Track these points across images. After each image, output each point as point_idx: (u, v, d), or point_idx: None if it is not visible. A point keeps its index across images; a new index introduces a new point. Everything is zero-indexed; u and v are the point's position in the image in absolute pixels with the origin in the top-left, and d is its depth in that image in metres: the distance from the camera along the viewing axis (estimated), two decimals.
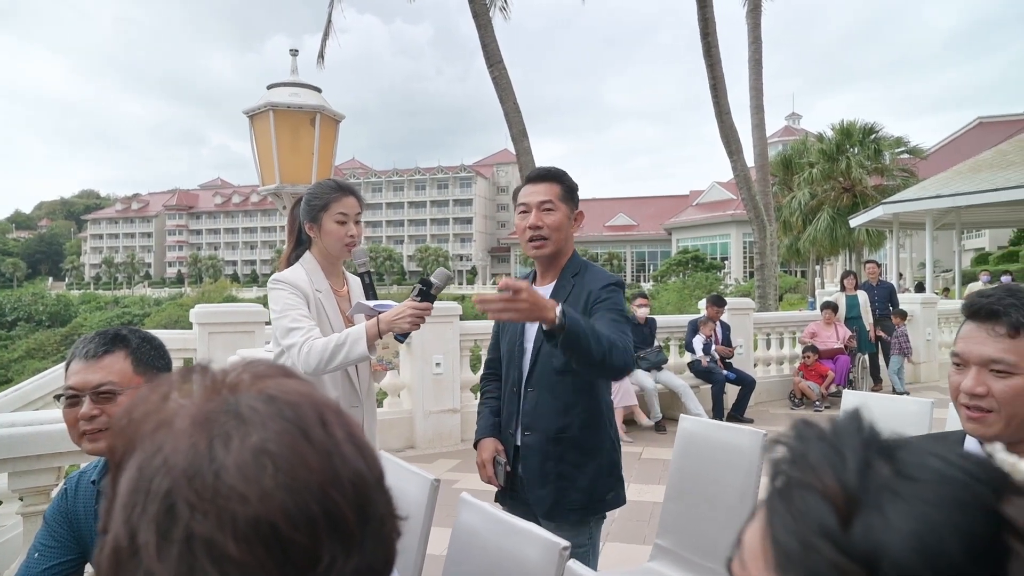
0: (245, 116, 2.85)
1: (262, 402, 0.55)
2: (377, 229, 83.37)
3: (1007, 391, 1.35)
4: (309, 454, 0.53)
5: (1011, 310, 1.39)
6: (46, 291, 68.12)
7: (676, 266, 45.43)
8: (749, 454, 2.29)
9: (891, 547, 0.39)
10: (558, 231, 2.11)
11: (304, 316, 2.20)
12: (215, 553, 0.48)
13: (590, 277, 2.12)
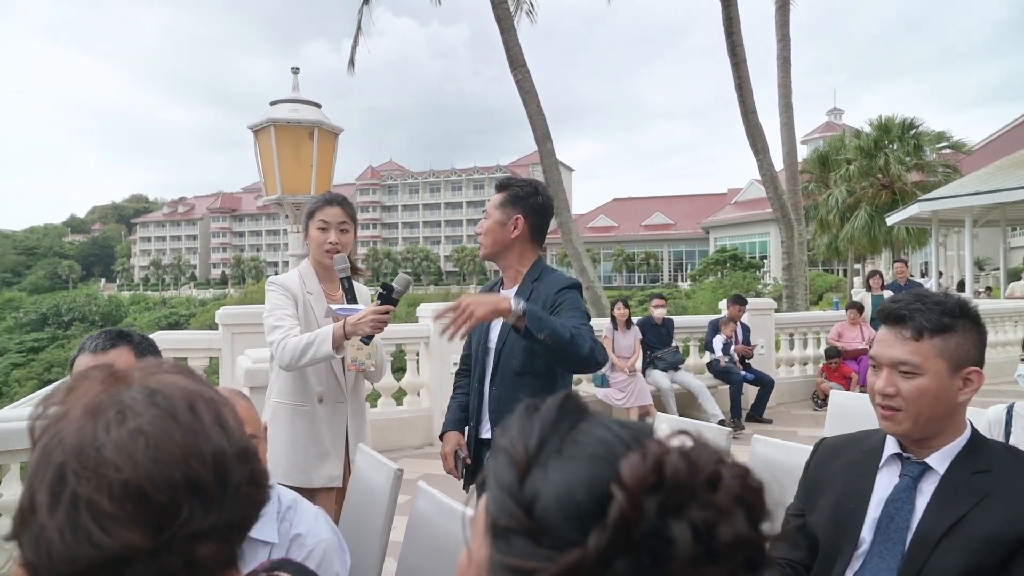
0: (250, 131, 3.05)
1: (143, 394, 0.71)
2: (414, 230, 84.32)
3: (912, 391, 1.44)
4: (176, 433, 0.69)
5: (916, 314, 1.48)
6: (99, 292, 70.75)
7: (713, 265, 44.81)
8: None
9: (543, 494, 0.52)
10: (486, 235, 2.27)
11: (288, 316, 2.41)
12: (94, 509, 0.64)
13: (548, 281, 2.24)
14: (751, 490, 0.50)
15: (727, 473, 0.49)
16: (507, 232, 2.25)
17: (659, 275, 66.36)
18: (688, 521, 0.47)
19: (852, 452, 1.68)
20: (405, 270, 77.30)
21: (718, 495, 0.48)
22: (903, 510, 1.50)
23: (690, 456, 0.50)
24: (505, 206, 2.25)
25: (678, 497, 0.48)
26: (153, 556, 0.65)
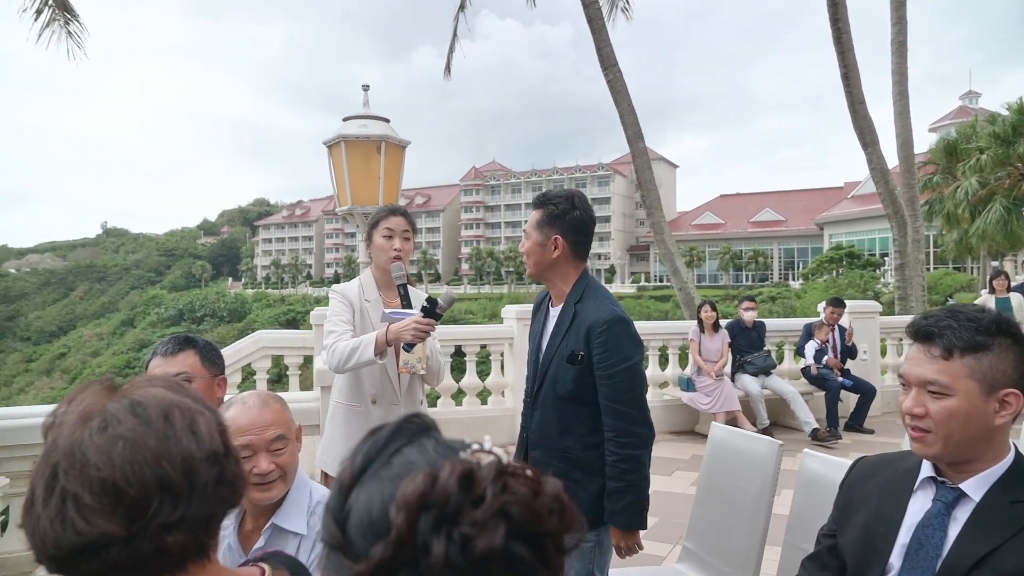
0: (324, 146, 3.27)
1: (126, 405, 0.84)
2: (517, 229, 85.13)
3: (941, 412, 1.38)
4: (149, 439, 0.81)
5: (946, 332, 1.40)
6: (227, 290, 76.40)
7: (828, 263, 42.27)
8: (765, 464, 2.33)
9: (353, 512, 0.59)
10: (529, 255, 2.24)
11: (343, 322, 2.59)
12: (78, 502, 0.77)
13: (590, 307, 2.17)
14: (519, 504, 0.54)
15: (492, 490, 0.54)
16: (548, 253, 2.21)
17: (768, 274, 63.49)
18: (447, 535, 0.52)
19: (888, 473, 1.61)
20: (507, 269, 78.22)
21: (478, 511, 0.53)
22: (934, 537, 1.42)
23: (466, 474, 0.55)
24: (543, 226, 2.21)
25: (447, 514, 0.53)
26: (126, 543, 0.77)
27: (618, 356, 2.09)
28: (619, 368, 2.09)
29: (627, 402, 2.10)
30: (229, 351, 5.44)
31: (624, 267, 74.03)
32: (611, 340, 2.10)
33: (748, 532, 2.32)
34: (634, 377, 2.12)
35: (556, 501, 0.60)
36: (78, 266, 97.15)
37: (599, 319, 2.11)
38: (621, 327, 2.12)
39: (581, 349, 2.14)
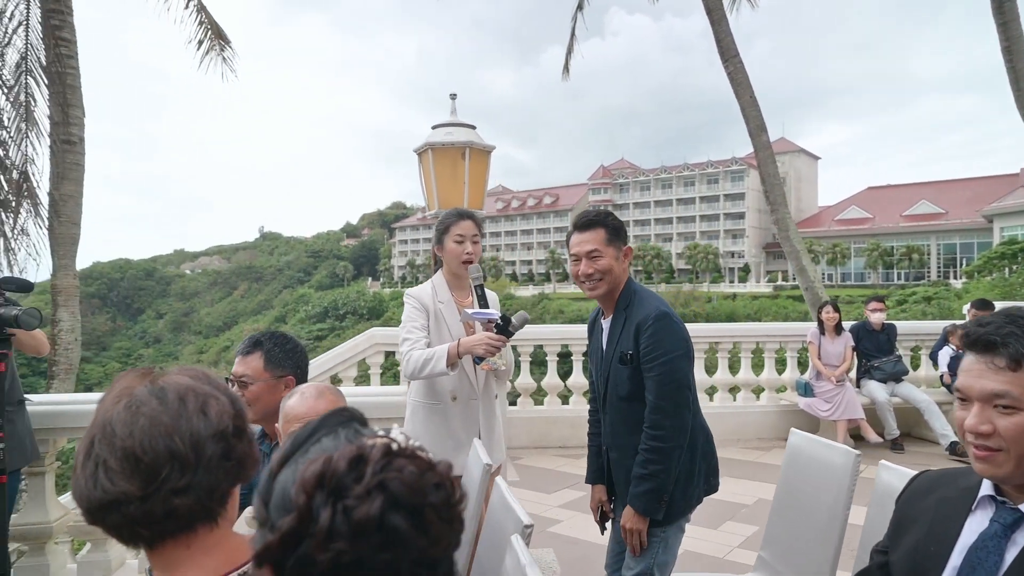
0: (415, 153, 3.45)
1: (150, 389, 0.99)
2: (645, 228, 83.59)
3: (1013, 428, 1.25)
4: (164, 417, 0.96)
5: (1010, 340, 1.28)
6: (366, 289, 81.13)
7: (998, 260, 37.89)
8: (840, 473, 2.21)
9: (274, 492, 0.69)
10: (608, 273, 2.27)
11: (417, 328, 2.70)
12: (105, 465, 0.93)
13: (636, 308, 2.25)
14: (398, 480, 0.62)
15: (373, 468, 0.62)
16: (622, 265, 2.30)
17: (925, 272, 57.95)
18: (332, 506, 0.60)
19: (947, 489, 1.49)
20: (635, 268, 77.00)
21: (359, 486, 0.61)
22: (988, 561, 1.31)
23: (355, 456, 0.63)
24: (612, 242, 2.28)
25: (334, 489, 0.62)
26: (142, 501, 0.93)
27: (659, 350, 2.16)
28: (658, 361, 2.16)
29: (663, 395, 2.15)
30: (346, 347, 5.85)
31: (759, 265, 70.49)
32: (654, 335, 2.17)
33: (822, 544, 2.20)
34: (673, 372, 2.16)
35: (442, 479, 0.67)
36: (239, 267, 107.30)
37: (646, 316, 2.19)
38: (664, 322, 2.18)
39: (630, 348, 2.22)
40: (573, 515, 4.56)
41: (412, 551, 0.62)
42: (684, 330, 2.24)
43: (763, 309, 48.76)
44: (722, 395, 6.96)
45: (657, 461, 2.14)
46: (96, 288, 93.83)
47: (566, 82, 14.80)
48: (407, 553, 0.62)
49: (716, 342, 7.07)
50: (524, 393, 6.67)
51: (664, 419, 2.15)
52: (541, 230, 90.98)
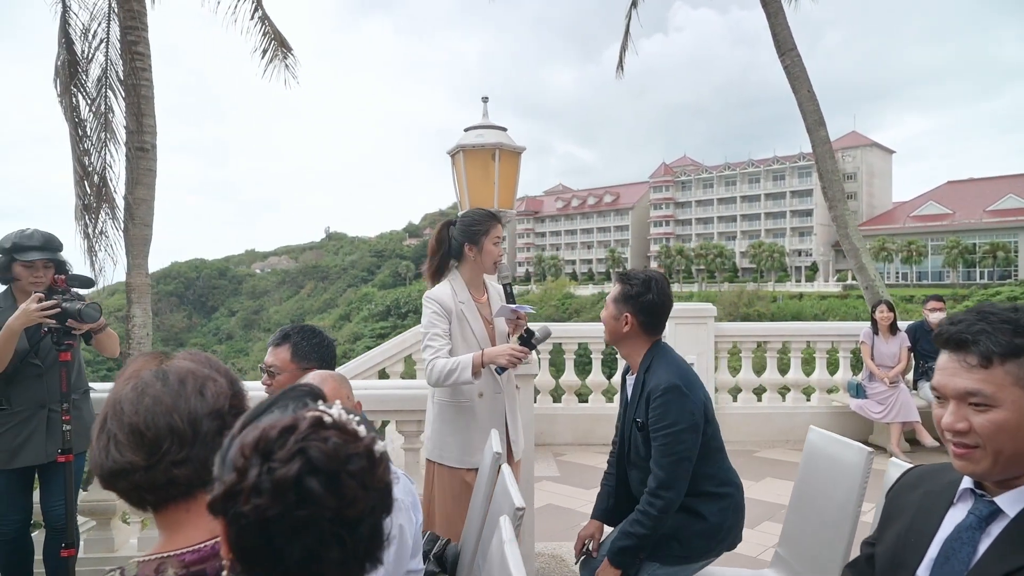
0: (448, 155, 3.59)
1: (155, 372, 1.14)
2: (708, 226, 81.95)
3: (988, 426, 1.27)
4: (166, 397, 1.11)
5: (981, 337, 1.30)
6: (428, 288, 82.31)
7: None
8: (853, 471, 2.21)
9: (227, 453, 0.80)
10: (604, 324, 2.46)
11: (440, 336, 2.75)
12: (115, 439, 1.08)
13: (652, 375, 2.35)
14: (318, 448, 0.74)
15: (296, 436, 0.74)
16: (619, 326, 2.40)
17: (1012, 270, 54.67)
18: (259, 466, 0.72)
19: (933, 483, 1.51)
20: (698, 267, 75.55)
21: (282, 451, 0.73)
22: (962, 551, 1.33)
23: (287, 425, 0.75)
24: (618, 302, 2.40)
25: (264, 452, 0.74)
26: (146, 470, 1.07)
27: (664, 421, 2.24)
28: (662, 433, 2.24)
29: (663, 466, 2.23)
30: (393, 343, 6.06)
31: (828, 264, 67.98)
32: (662, 406, 2.24)
33: (833, 540, 2.21)
34: (675, 444, 2.23)
35: (365, 450, 0.78)
36: (306, 267, 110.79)
37: (656, 385, 2.28)
38: (673, 395, 2.25)
39: (642, 416, 2.33)
40: None
41: (327, 511, 0.73)
42: (695, 401, 2.28)
43: (831, 309, 47.03)
44: (771, 395, 6.85)
45: (645, 525, 2.24)
46: (174, 287, 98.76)
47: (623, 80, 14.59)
48: (322, 512, 0.73)
49: (765, 341, 6.96)
50: (568, 391, 6.73)
51: (661, 490, 2.23)
52: (601, 229, 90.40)
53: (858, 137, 73.85)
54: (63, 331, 2.71)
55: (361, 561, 0.80)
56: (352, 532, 0.76)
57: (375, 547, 0.82)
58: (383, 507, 0.81)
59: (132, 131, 7.42)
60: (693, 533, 2.32)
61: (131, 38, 7.31)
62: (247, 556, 0.76)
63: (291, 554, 0.74)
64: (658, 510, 2.22)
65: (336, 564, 0.77)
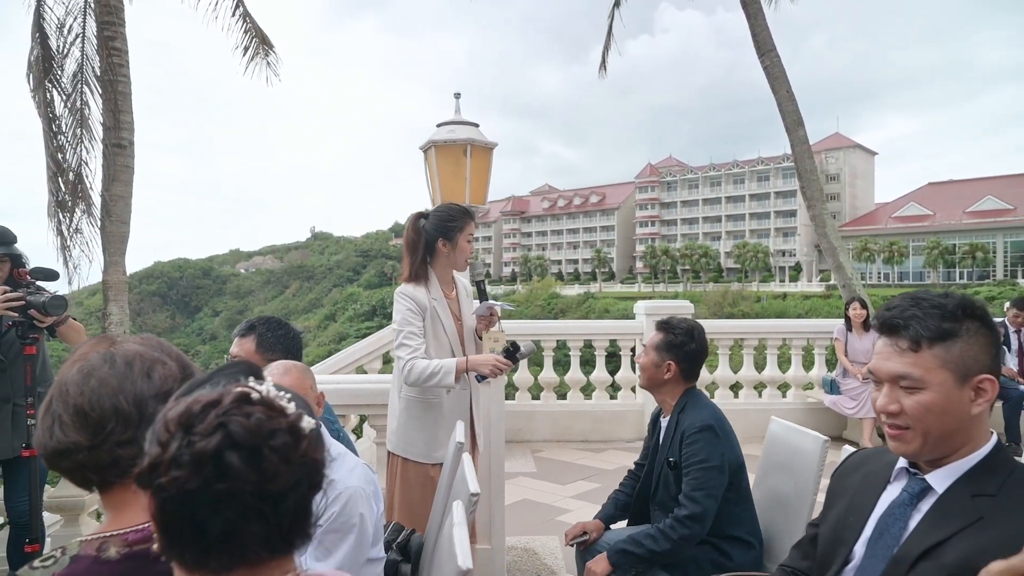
0: (420, 151, 3.60)
1: (102, 354, 1.15)
2: (693, 226, 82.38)
3: (916, 407, 1.32)
4: (111, 379, 1.12)
5: (912, 322, 1.35)
6: None
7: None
8: (810, 458, 2.26)
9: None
10: (644, 371, 2.55)
11: (414, 334, 2.71)
12: (60, 419, 1.09)
13: (686, 416, 2.43)
14: (239, 423, 0.76)
15: (218, 411, 0.77)
16: (660, 373, 2.49)
17: (990, 271, 55.48)
18: (180, 439, 0.75)
19: (874, 464, 1.56)
20: (683, 267, 75.91)
21: (203, 425, 0.76)
22: (894, 527, 1.38)
23: (211, 400, 0.78)
24: (661, 350, 2.49)
25: (187, 427, 0.76)
26: (90, 450, 1.08)
27: (698, 456, 2.31)
28: (696, 467, 2.31)
29: (695, 499, 2.28)
30: (371, 340, 6.05)
31: (811, 264, 68.58)
32: (694, 444, 2.33)
33: (790, 524, 2.26)
34: (707, 480, 2.28)
35: (289, 426, 0.80)
36: (291, 266, 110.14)
37: (691, 425, 2.36)
38: (707, 435, 2.33)
39: (675, 456, 2.39)
40: (583, 505, 4.64)
41: (247, 485, 0.75)
42: (727, 443, 2.36)
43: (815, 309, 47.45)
44: (747, 391, 6.93)
45: (660, 545, 2.28)
46: (156, 287, 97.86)
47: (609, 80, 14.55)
48: (243, 486, 0.74)
49: (742, 338, 7.04)
50: (547, 387, 6.76)
51: (690, 520, 2.27)
52: (587, 229, 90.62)
53: (841, 139, 74.59)
54: (28, 324, 2.70)
55: (287, 537, 0.81)
56: (275, 507, 0.77)
57: (301, 523, 0.82)
58: (310, 483, 0.82)
59: (109, 127, 7.35)
60: (714, 567, 2.34)
61: (108, 33, 7.25)
62: (170, 530, 0.77)
63: (212, 527, 0.75)
64: (680, 537, 2.27)
65: (259, 539, 0.78)
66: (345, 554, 1.74)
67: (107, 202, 7.36)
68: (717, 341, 6.92)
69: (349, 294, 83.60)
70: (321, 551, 1.73)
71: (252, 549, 0.78)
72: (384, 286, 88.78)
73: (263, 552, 0.79)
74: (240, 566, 0.79)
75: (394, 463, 2.86)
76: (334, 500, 1.78)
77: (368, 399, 3.40)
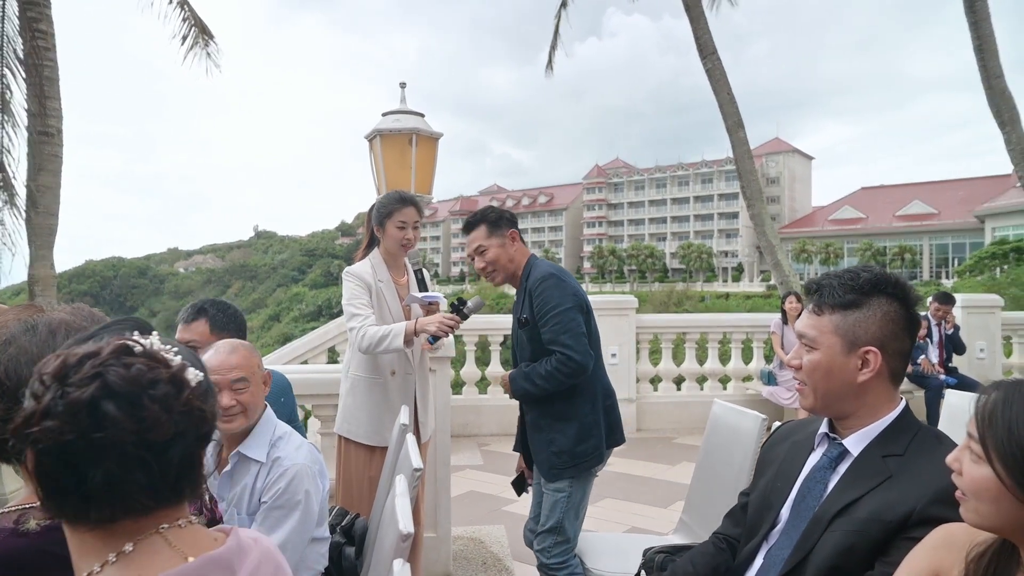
0: (366, 140, 3.57)
1: (25, 323, 1.11)
2: (640, 227, 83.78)
3: (807, 365, 1.45)
4: (31, 348, 1.09)
5: (824, 289, 1.45)
6: None
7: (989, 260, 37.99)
8: (748, 438, 2.34)
9: None
10: (496, 262, 2.53)
11: (364, 305, 2.78)
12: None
13: (530, 276, 2.50)
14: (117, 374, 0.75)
15: (95, 361, 0.75)
16: (511, 250, 2.55)
17: (917, 272, 58.25)
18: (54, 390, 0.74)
19: (800, 434, 1.63)
20: (629, 267, 77.15)
21: (77, 375, 0.74)
22: (815, 489, 1.45)
23: (88, 352, 0.77)
24: (491, 234, 2.54)
25: (61, 378, 0.75)
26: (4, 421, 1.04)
27: (549, 305, 2.37)
28: (551, 314, 2.36)
29: (563, 342, 2.33)
30: (316, 334, 5.97)
31: (753, 265, 70.67)
32: (542, 294, 2.38)
33: (730, 502, 2.33)
34: (567, 321, 2.34)
35: (171, 376, 0.79)
36: (233, 266, 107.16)
37: (534, 280, 2.43)
38: (551, 281, 2.40)
39: (525, 313, 2.43)
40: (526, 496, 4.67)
41: (127, 434, 0.73)
42: (572, 286, 2.43)
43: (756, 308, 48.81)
44: (689, 384, 7.10)
45: (551, 383, 2.35)
46: (88, 286, 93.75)
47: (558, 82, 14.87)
48: (122, 435, 0.73)
49: (684, 332, 7.21)
50: (494, 382, 6.78)
51: (570, 351, 2.31)
52: (536, 229, 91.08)
53: (781, 143, 77.07)
54: None
55: (174, 487, 0.80)
56: (159, 457, 0.76)
57: (188, 474, 0.81)
58: (196, 434, 0.81)
59: (35, 114, 7.02)
60: (570, 439, 2.40)
61: (31, 15, 6.92)
62: (48, 482, 0.75)
63: (93, 478, 0.73)
64: (568, 374, 2.32)
65: (143, 488, 0.77)
66: (290, 531, 1.72)
67: (33, 193, 7.02)
68: (661, 336, 7.07)
69: (294, 294, 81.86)
70: (266, 527, 1.71)
71: (136, 499, 0.77)
72: (331, 286, 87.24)
73: (149, 502, 0.78)
74: (124, 518, 0.78)
75: (340, 445, 2.87)
76: (280, 477, 1.76)
77: (313, 388, 3.35)
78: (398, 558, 1.14)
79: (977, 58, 10.23)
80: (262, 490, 1.77)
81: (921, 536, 1.18)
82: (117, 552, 0.78)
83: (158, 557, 0.79)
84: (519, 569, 3.55)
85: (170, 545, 0.80)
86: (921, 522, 1.21)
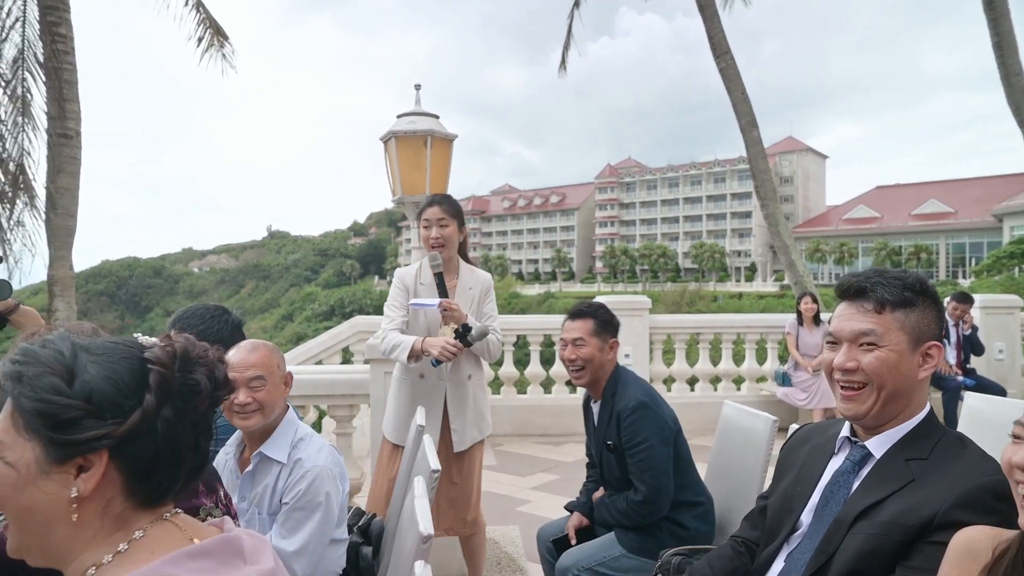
0: (380, 142, 3.59)
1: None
2: (652, 227, 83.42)
3: (874, 363, 1.40)
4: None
5: (877, 287, 1.44)
6: (373, 288, 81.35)
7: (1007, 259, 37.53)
8: (759, 440, 2.33)
9: (94, 385, 0.80)
10: (590, 362, 2.46)
11: (396, 308, 2.87)
12: None
13: (619, 398, 2.44)
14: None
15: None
16: (607, 356, 2.49)
17: (934, 271, 57.65)
18: (200, 373, 0.80)
19: (819, 437, 1.62)
20: (642, 267, 76.87)
21: (206, 357, 0.83)
22: (839, 494, 1.44)
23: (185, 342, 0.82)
24: (596, 333, 2.47)
25: (188, 362, 0.81)
26: None
27: (637, 438, 2.34)
28: (638, 449, 2.34)
29: (644, 480, 2.33)
30: (330, 334, 6.00)
31: (766, 265, 70.22)
32: (632, 425, 2.35)
33: (741, 502, 2.32)
34: (652, 458, 2.32)
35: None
36: (247, 265, 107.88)
37: (625, 406, 2.38)
38: (642, 412, 2.35)
39: (613, 439, 2.42)
40: (542, 496, 4.69)
41: None
42: (663, 415, 2.38)
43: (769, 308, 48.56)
44: (703, 385, 7.07)
45: (624, 518, 2.38)
46: (105, 286, 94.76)
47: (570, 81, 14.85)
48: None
49: (698, 333, 7.18)
50: (507, 382, 6.79)
51: (646, 504, 2.32)
52: (548, 229, 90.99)
53: (794, 142, 76.52)
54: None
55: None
56: None
57: None
58: None
59: (54, 117, 7.11)
60: (671, 535, 2.36)
61: (51, 19, 7.01)
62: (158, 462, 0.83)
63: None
64: (642, 517, 2.34)
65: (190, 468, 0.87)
66: (310, 532, 1.74)
67: (52, 194, 7.11)
68: (674, 336, 7.05)
69: (307, 294, 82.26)
70: (287, 528, 1.72)
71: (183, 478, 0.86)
72: (343, 285, 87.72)
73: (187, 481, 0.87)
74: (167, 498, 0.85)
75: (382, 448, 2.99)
76: (301, 478, 1.77)
77: (327, 389, 3.38)
78: (419, 560, 1.15)
79: (996, 55, 10.11)
80: (283, 491, 1.79)
81: (943, 540, 1.17)
82: (129, 540, 0.81)
83: (169, 540, 0.82)
84: (533, 569, 3.56)
85: (179, 529, 0.84)
86: (943, 526, 1.21)
